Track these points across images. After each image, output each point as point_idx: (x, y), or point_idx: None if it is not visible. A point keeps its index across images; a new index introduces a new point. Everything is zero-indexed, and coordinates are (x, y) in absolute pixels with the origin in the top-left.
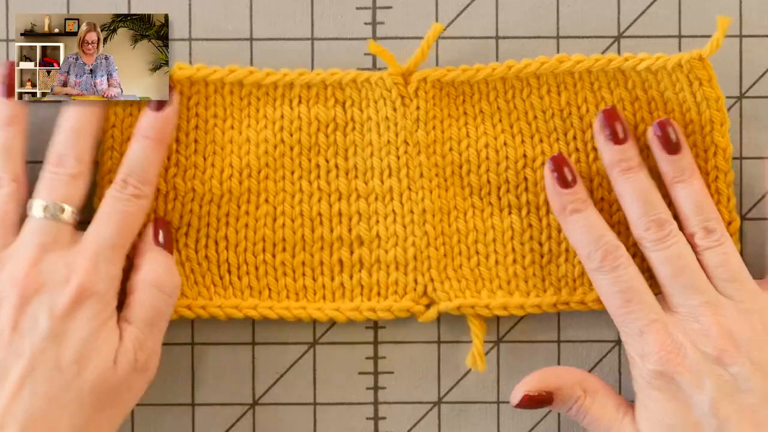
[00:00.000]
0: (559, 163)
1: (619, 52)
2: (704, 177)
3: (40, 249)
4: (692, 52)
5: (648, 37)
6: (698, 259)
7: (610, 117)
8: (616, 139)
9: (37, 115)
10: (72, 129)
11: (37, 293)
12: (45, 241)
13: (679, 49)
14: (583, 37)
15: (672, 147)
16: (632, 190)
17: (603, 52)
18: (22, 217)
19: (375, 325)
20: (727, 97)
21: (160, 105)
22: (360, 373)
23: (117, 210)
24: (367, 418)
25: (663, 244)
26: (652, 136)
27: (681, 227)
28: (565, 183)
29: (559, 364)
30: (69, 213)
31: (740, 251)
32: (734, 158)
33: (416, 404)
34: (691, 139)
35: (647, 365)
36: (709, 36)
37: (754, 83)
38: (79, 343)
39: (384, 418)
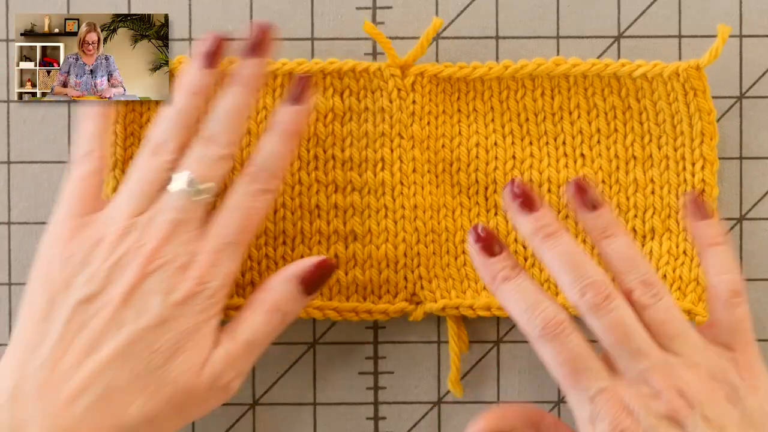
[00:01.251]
0: (485, 236)
1: (618, 52)
2: (690, 191)
3: (173, 225)
4: (690, 61)
5: (648, 37)
6: (640, 317)
7: (520, 187)
8: (531, 207)
9: (37, 115)
10: (229, 110)
11: (156, 272)
12: (180, 218)
13: (679, 50)
14: (583, 38)
15: (592, 204)
16: (558, 257)
17: (603, 53)
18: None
19: (375, 325)
20: (727, 97)
21: (298, 99)
22: (360, 373)
23: (243, 205)
24: (367, 418)
25: (603, 311)
26: (569, 196)
27: (615, 285)
28: (491, 251)
29: None
30: (210, 193)
31: (740, 251)
32: (734, 158)
33: (416, 404)
34: (680, 151)
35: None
36: (708, 36)
37: (754, 83)
38: (179, 334)
39: (384, 418)
